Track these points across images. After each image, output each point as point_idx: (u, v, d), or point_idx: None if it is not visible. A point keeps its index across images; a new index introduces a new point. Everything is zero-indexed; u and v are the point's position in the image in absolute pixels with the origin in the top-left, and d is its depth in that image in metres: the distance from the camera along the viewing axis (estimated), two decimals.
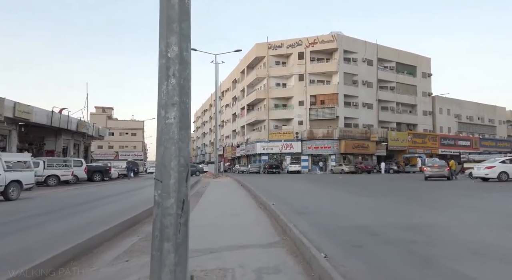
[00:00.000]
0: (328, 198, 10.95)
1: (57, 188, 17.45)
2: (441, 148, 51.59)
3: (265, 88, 47.25)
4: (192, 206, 8.75)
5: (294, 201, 9.66)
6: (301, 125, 44.39)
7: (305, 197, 11.07)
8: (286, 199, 10.38)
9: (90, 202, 9.99)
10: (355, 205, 8.78)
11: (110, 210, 8.22)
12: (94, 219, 6.84)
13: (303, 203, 9.06)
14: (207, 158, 72.15)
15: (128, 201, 10.07)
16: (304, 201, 9.87)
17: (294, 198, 10.62)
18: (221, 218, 6.73)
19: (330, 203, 9.49)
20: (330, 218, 6.57)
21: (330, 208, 8.13)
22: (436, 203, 9.22)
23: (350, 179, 24.17)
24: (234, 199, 10.32)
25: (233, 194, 12.55)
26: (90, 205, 9.16)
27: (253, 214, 7.20)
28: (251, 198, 10.61)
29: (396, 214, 7.15)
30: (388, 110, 48.64)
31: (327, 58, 45.56)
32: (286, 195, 11.80)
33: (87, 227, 5.76)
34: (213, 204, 9.32)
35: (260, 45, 47.57)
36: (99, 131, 35.02)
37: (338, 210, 7.72)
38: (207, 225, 5.94)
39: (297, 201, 9.83)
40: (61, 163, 19.82)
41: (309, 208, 7.95)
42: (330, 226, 5.68)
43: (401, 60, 49.89)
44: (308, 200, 10.20)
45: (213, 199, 10.71)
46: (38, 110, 23.04)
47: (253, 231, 5.41)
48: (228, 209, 8.06)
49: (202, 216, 7.05)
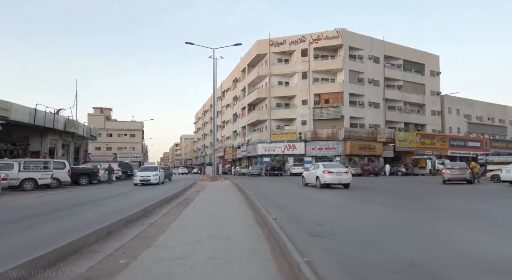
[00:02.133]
0: (343, 208, 8.89)
1: (32, 193, 15.47)
2: (451, 149, 49.47)
3: (266, 87, 45.27)
4: (171, 220, 6.74)
5: (302, 213, 7.62)
6: (305, 125, 42.36)
7: (314, 207, 9.02)
8: (291, 209, 8.35)
9: (40, 215, 7.96)
10: (383, 221, 6.71)
11: (50, 230, 6.19)
12: (18, 245, 4.82)
13: (314, 216, 7.02)
14: (207, 159, 70.20)
15: (85, 216, 8.03)
16: (315, 212, 7.83)
17: (301, 208, 8.56)
18: (201, 243, 4.72)
19: (348, 216, 7.42)
20: (358, 246, 4.52)
21: (351, 226, 6.06)
22: (492, 219, 7.17)
23: (358, 183, 22.08)
24: (227, 211, 8.29)
25: (228, 202, 10.53)
26: (33, 221, 7.12)
27: (249, 236, 5.18)
28: (248, 208, 8.59)
29: (454, 240, 5.05)
30: (395, 110, 46.55)
31: (332, 55, 43.55)
32: (291, 204, 9.75)
33: None
34: (199, 217, 7.29)
35: (262, 42, 45.64)
36: (91, 131, 33.06)
37: (364, 230, 5.66)
38: (174, 258, 3.92)
39: (306, 212, 7.79)
40: (39, 165, 17.83)
41: (324, 226, 5.91)
42: (366, 264, 3.64)
43: (409, 58, 47.83)
44: (319, 210, 8.15)
45: (201, 209, 8.69)
46: (18, 107, 21.12)
47: (246, 273, 3.39)
48: (216, 226, 6.04)
49: (176, 239, 5.05)
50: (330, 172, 15.27)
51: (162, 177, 22.53)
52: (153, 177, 20.18)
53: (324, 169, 15.53)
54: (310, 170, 17.55)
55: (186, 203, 10.14)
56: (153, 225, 6.30)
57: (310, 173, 17.18)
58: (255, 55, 46.80)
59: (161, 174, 22.11)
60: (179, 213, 7.96)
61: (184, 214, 7.79)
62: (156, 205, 8.81)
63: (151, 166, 24.71)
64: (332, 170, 15.47)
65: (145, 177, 20.06)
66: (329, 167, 15.91)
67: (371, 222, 6.56)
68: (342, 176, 15.36)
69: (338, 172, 15.44)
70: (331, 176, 15.17)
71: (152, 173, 20.67)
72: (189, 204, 9.97)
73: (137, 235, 5.35)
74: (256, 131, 47.88)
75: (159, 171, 21.44)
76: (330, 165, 16.54)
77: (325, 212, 7.89)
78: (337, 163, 22.86)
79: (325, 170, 15.43)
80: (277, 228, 4.97)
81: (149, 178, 20.04)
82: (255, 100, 47.16)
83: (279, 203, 9.86)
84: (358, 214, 7.78)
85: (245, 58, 51.65)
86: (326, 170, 15.37)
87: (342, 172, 15.51)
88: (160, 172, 21.67)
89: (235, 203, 10.17)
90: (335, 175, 15.25)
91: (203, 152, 79.06)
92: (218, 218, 6.95)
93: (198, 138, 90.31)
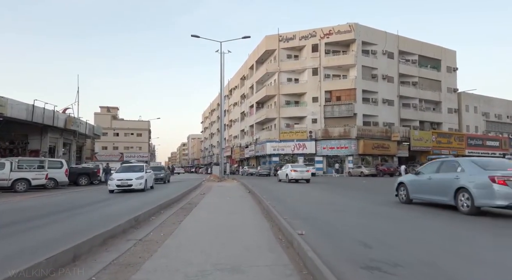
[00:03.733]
0: (382, 218, 7.27)
1: (23, 195, 14.19)
2: (468, 149, 47.25)
3: (275, 84, 43.65)
4: (166, 235, 5.24)
5: (334, 226, 6.03)
6: (315, 124, 40.65)
7: (345, 216, 7.42)
8: (317, 219, 6.78)
9: (11, 224, 6.56)
10: (453, 243, 5.07)
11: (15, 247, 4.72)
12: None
13: (353, 232, 5.44)
14: (215, 159, 68.92)
15: (55, 230, 6.56)
16: (350, 224, 6.25)
17: (330, 218, 6.93)
18: (204, 279, 3.19)
19: (396, 231, 5.82)
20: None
21: (415, 249, 4.44)
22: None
23: (376, 184, 20.40)
24: (238, 221, 6.73)
25: (237, 207, 8.99)
26: None
27: (271, 265, 3.64)
28: (263, 217, 7.05)
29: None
30: (410, 107, 44.53)
31: (344, 50, 41.74)
32: (315, 211, 8.15)
33: None
34: (201, 231, 5.75)
35: (270, 37, 44.03)
36: (94, 129, 31.83)
37: (440, 259, 4.03)
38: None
39: (340, 224, 6.21)
40: (33, 165, 16.54)
41: (375, 249, 4.31)
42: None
43: (424, 53, 45.74)
44: (355, 222, 6.56)
45: (205, 218, 7.15)
46: (15, 103, 19.89)
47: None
48: (224, 247, 4.50)
49: (167, 268, 3.53)
50: (295, 171, 21.21)
51: (151, 180, 16.66)
52: (136, 181, 14.09)
53: (291, 168, 21.61)
54: (282, 170, 23.67)
55: (188, 209, 8.65)
56: (141, 242, 4.80)
57: (281, 172, 22.97)
58: (263, 51, 45.21)
59: (149, 176, 16.24)
60: (178, 223, 6.45)
61: (184, 224, 6.28)
62: (151, 212, 7.33)
63: (136, 164, 17.25)
64: (297, 169, 21.63)
65: (125, 182, 13.96)
66: (295, 167, 22.36)
67: (436, 241, 4.96)
68: (304, 174, 21.25)
69: (301, 170, 21.41)
70: (296, 173, 21.05)
71: (135, 175, 14.45)
72: (192, 209, 8.46)
73: (114, 261, 3.85)
74: (265, 130, 46.29)
75: (145, 172, 15.27)
76: (296, 166, 23.52)
77: (362, 223, 6.30)
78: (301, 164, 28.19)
79: (291, 169, 21.48)
80: (312, 254, 3.43)
81: (130, 183, 13.97)
82: (263, 97, 45.59)
83: (298, 210, 8.30)
84: (404, 227, 6.18)
85: (253, 54, 50.11)
86: (293, 169, 21.42)
87: (304, 171, 21.59)
88: (147, 173, 15.73)
89: (247, 209, 8.63)
90: (299, 173, 21.12)
91: (210, 151, 77.83)
92: (227, 233, 5.40)
93: (205, 138, 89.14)
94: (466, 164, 7.58)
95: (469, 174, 7.25)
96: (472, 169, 7.33)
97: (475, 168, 7.27)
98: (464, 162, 7.71)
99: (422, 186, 8.61)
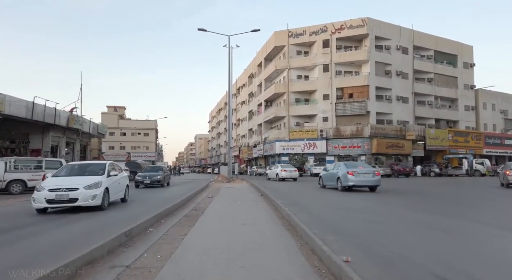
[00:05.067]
0: (429, 230, 5.91)
1: (17, 197, 13.15)
2: (486, 148, 45.31)
3: (285, 81, 42.26)
4: (163, 258, 3.99)
5: (384, 246, 4.69)
6: (326, 122, 39.17)
7: (389, 229, 6.06)
8: (356, 235, 5.45)
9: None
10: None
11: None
12: None
13: (417, 253, 4.11)
14: (222, 159, 67.84)
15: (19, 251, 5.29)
16: (404, 243, 4.91)
17: (371, 233, 5.57)
18: None
19: (460, 251, 4.48)
20: None
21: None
22: None
23: (396, 185, 18.93)
24: (255, 236, 5.38)
25: (252, 216, 7.66)
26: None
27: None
28: (285, 230, 5.75)
29: None
30: (425, 105, 42.72)
31: (356, 45, 40.14)
32: (347, 222, 6.81)
33: None
34: (208, 253, 4.43)
35: (279, 33, 42.63)
36: (98, 128, 30.84)
37: None
38: None
39: (389, 243, 4.87)
40: (30, 165, 15.48)
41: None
42: None
43: (440, 48, 43.86)
44: (410, 240, 5.22)
45: (213, 232, 5.85)
46: (13, 100, 18.91)
47: None
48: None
49: None
50: (285, 170, 24.10)
51: (123, 190, 10.28)
52: (84, 192, 7.99)
53: (281, 168, 24.49)
54: (271, 169, 26.38)
55: (194, 217, 7.39)
56: (129, 271, 3.55)
57: (271, 171, 25.88)
58: (272, 47, 43.82)
59: (118, 181, 9.77)
60: (180, 238, 5.19)
61: (187, 241, 5.01)
62: (149, 222, 6.10)
63: (92, 162, 12.18)
64: (286, 169, 24.38)
65: (61, 195, 7.84)
66: (285, 167, 25.26)
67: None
68: (292, 173, 23.98)
69: (290, 170, 24.17)
70: (285, 173, 23.77)
71: (85, 181, 8.35)
72: (198, 218, 7.20)
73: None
74: (274, 129, 44.92)
75: (106, 176, 8.97)
76: (285, 166, 25.95)
77: (415, 240, 4.96)
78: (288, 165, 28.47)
79: (281, 169, 24.38)
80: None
81: (74, 195, 7.90)
82: (272, 95, 44.22)
83: (326, 219, 6.97)
84: (465, 245, 4.83)
85: (261, 51, 48.77)
86: (282, 169, 24.35)
87: (292, 170, 24.28)
88: (111, 177, 9.24)
89: (263, 217, 7.33)
90: (288, 172, 23.90)
91: (218, 151, 76.80)
92: (243, 257, 4.10)
93: (212, 137, 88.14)
94: (341, 165, 14.48)
95: (341, 170, 14.07)
96: (342, 167, 14.09)
97: (344, 167, 14.00)
98: (340, 164, 14.59)
99: (327, 177, 15.76)
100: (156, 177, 18.61)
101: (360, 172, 13.54)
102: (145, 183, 18.32)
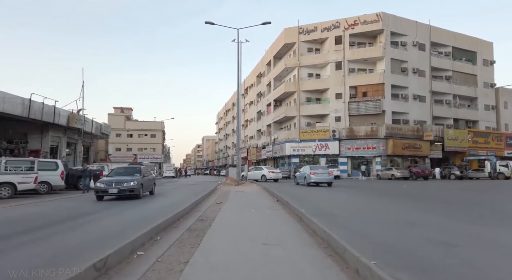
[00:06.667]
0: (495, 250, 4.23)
1: (3, 202, 11.73)
2: (507, 149, 43.02)
3: (295, 80, 40.61)
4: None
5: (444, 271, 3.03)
6: (339, 122, 37.39)
7: (474, 257, 4.40)
8: (433, 266, 3.82)
9: None
10: None
11: None
12: None
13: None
14: (230, 161, 66.39)
15: None
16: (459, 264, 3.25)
17: (454, 265, 3.98)
18: None
19: None
20: None
21: None
22: None
23: (421, 189, 17.11)
24: (286, 268, 3.77)
25: (273, 230, 6.03)
26: None
27: None
28: (324, 255, 4.14)
29: None
30: (443, 104, 40.67)
31: (370, 42, 38.35)
32: (408, 243, 5.15)
33: None
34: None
35: (290, 30, 41.06)
36: (101, 128, 29.55)
37: None
38: None
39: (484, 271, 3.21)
40: (21, 166, 14.11)
41: None
42: None
43: (459, 45, 41.78)
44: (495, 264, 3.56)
45: (226, 259, 4.21)
46: (8, 96, 17.65)
47: None
48: None
49: None
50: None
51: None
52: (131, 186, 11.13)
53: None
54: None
55: (199, 232, 5.80)
56: None
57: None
58: (282, 45, 42.24)
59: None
60: (179, 268, 3.61)
61: (187, 274, 3.42)
62: (141, 239, 4.54)
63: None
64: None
65: None
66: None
67: None
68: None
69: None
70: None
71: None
72: (205, 234, 5.60)
73: None
74: (283, 129, 43.24)
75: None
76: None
77: None
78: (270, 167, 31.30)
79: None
80: None
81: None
82: (282, 95, 42.58)
83: (375, 237, 5.33)
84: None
85: (270, 49, 47.23)
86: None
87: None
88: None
89: (288, 233, 5.70)
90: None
91: (225, 153, 75.38)
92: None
93: (219, 139, 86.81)
94: (307, 167, 20.99)
95: (307, 170, 19.95)
96: (308, 169, 20.22)
97: (308, 169, 20.22)
98: (307, 167, 21.06)
99: (299, 176, 21.62)
100: (127, 184, 11.93)
101: (319, 173, 19.56)
102: (110, 193, 11.72)
